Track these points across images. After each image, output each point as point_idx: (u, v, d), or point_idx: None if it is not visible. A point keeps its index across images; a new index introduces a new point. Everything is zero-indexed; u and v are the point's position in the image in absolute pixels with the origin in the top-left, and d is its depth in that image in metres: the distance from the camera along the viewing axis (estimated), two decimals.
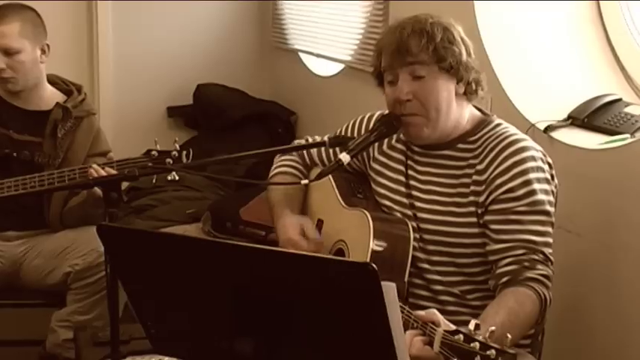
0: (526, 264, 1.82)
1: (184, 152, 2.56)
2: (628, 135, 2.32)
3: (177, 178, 2.29)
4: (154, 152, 2.58)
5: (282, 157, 2.27)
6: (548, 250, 1.86)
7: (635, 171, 2.16)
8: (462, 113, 1.96)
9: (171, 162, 2.51)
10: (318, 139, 2.20)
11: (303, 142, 2.24)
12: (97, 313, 2.85)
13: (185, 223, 3.67)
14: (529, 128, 2.45)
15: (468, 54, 1.91)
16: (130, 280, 1.55)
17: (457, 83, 1.91)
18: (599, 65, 2.65)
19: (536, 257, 1.83)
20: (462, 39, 1.91)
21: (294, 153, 2.24)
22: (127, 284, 1.55)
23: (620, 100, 2.48)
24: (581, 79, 2.64)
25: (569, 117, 2.50)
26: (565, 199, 2.09)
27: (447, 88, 1.90)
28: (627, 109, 2.42)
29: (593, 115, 2.46)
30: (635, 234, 2.15)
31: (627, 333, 2.19)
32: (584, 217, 2.33)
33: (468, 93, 1.94)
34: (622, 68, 2.62)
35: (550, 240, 1.88)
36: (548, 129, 2.46)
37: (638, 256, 2.15)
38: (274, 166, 2.27)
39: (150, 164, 2.49)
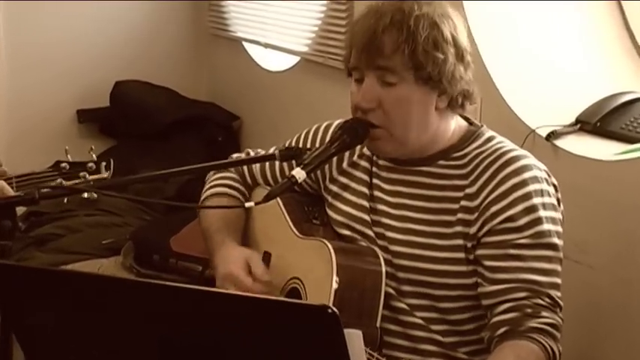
0: (528, 310, 1.81)
1: (104, 163, 2.52)
2: None
3: (95, 196, 2.26)
4: (64, 164, 2.54)
5: (217, 175, 2.25)
6: (555, 293, 1.84)
7: None
8: (444, 126, 1.94)
9: (88, 176, 2.47)
10: (261, 152, 2.19)
11: (243, 155, 2.23)
12: None
13: (101, 257, 3.64)
14: (528, 135, 2.47)
15: (459, 59, 1.87)
16: (26, 333, 1.52)
17: (439, 96, 1.88)
18: (615, 58, 2.71)
19: (540, 302, 1.82)
20: (453, 40, 1.85)
21: (231, 169, 2.23)
22: (22, 338, 1.52)
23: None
24: (592, 74, 2.69)
25: (578, 121, 2.53)
26: (573, 223, 2.09)
27: (422, 102, 1.88)
28: None
29: (606, 119, 2.48)
30: None
31: None
32: (596, 245, 2.35)
33: (452, 108, 1.91)
34: None
35: (558, 280, 1.87)
36: (552, 136, 2.48)
37: None
38: (207, 185, 2.25)
39: (61, 180, 2.44)
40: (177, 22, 4.64)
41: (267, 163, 2.19)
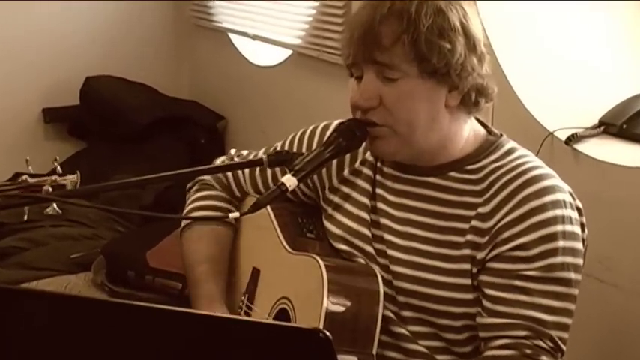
0: (527, 351, 1.79)
1: (70, 177, 2.52)
2: None
3: (59, 211, 2.27)
4: (24, 177, 2.54)
5: (200, 195, 2.25)
6: (559, 335, 1.81)
7: None
8: (457, 130, 1.91)
9: (51, 189, 2.47)
10: (245, 153, 2.17)
11: (227, 159, 2.23)
12: None
13: (69, 273, 3.63)
14: (545, 139, 2.48)
15: (470, 49, 1.84)
16: None
17: (449, 92, 1.86)
18: None
19: (541, 344, 1.79)
20: (462, 28, 1.82)
21: (215, 184, 2.24)
22: None
23: None
24: (616, 72, 2.69)
25: (601, 123, 2.53)
26: (595, 238, 2.07)
27: (429, 98, 1.85)
28: None
29: (633, 121, 2.50)
30: None
31: None
32: (622, 261, 2.35)
33: (464, 105, 1.88)
34: None
35: (566, 320, 1.84)
36: (572, 139, 2.49)
37: None
38: (188, 207, 2.26)
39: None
40: (156, 11, 4.64)
41: (258, 170, 2.18)
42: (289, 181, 1.86)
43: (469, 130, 1.93)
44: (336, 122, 2.06)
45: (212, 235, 2.19)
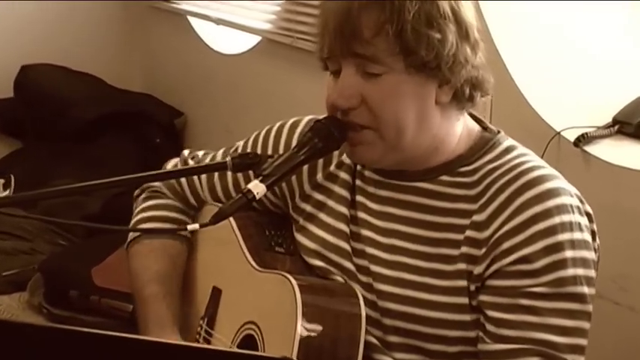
0: None
1: (1, 181, 2.53)
2: None
3: None
4: None
5: (148, 204, 2.25)
6: (575, 359, 1.81)
7: None
8: (448, 129, 1.91)
9: None
10: (201, 155, 2.19)
11: (178, 162, 2.23)
12: None
13: (1, 293, 3.64)
14: (552, 139, 2.49)
15: (462, 37, 1.84)
16: None
17: (439, 87, 1.85)
18: None
19: None
20: (453, 14, 1.82)
21: (166, 191, 2.23)
22: None
23: None
24: (632, 66, 2.69)
25: (615, 121, 2.54)
26: (610, 253, 2.07)
27: (417, 95, 1.85)
28: None
29: None
30: None
31: None
32: (639, 281, 2.36)
33: (457, 101, 1.88)
34: None
35: (582, 342, 1.84)
36: (582, 140, 2.50)
37: None
38: (136, 218, 2.25)
39: None
40: None
41: (216, 175, 2.18)
42: (257, 187, 1.85)
43: (462, 127, 1.94)
44: (307, 118, 2.08)
45: (163, 250, 2.18)
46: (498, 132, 1.97)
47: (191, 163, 2.20)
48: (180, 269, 2.20)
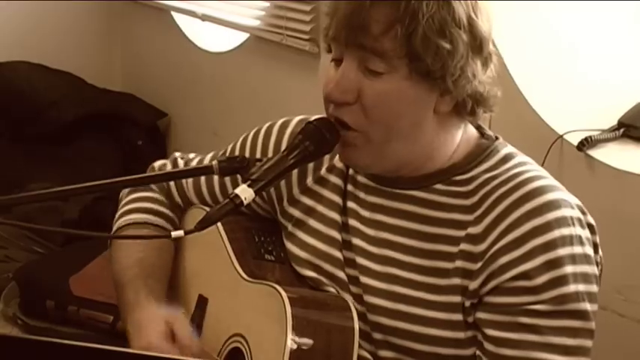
0: None
1: None
2: None
3: None
4: None
5: (135, 196, 2.25)
6: None
7: None
8: (446, 137, 1.91)
9: None
10: (192, 157, 2.21)
11: (169, 165, 2.25)
12: None
13: None
14: (554, 143, 2.49)
15: (475, 50, 1.83)
16: None
17: (441, 96, 1.85)
18: None
19: None
20: (469, 23, 1.81)
21: (154, 186, 2.23)
22: None
23: None
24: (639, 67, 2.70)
25: (621, 125, 2.55)
26: (614, 263, 2.08)
27: (416, 102, 1.84)
28: None
29: None
30: None
31: None
32: None
33: (457, 113, 1.88)
34: None
35: None
36: (586, 144, 2.50)
37: None
38: (121, 210, 2.25)
39: None
40: None
41: (204, 177, 2.18)
42: (245, 192, 1.85)
43: (461, 135, 1.94)
44: (297, 118, 2.09)
45: (148, 241, 2.19)
46: (496, 138, 1.97)
47: (181, 163, 2.22)
48: (164, 261, 2.19)
